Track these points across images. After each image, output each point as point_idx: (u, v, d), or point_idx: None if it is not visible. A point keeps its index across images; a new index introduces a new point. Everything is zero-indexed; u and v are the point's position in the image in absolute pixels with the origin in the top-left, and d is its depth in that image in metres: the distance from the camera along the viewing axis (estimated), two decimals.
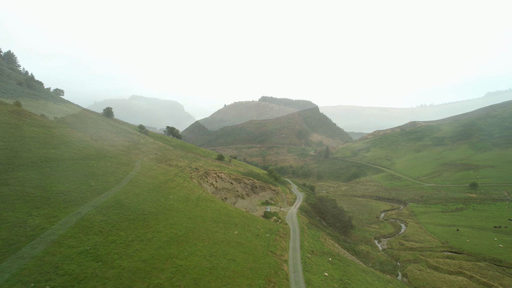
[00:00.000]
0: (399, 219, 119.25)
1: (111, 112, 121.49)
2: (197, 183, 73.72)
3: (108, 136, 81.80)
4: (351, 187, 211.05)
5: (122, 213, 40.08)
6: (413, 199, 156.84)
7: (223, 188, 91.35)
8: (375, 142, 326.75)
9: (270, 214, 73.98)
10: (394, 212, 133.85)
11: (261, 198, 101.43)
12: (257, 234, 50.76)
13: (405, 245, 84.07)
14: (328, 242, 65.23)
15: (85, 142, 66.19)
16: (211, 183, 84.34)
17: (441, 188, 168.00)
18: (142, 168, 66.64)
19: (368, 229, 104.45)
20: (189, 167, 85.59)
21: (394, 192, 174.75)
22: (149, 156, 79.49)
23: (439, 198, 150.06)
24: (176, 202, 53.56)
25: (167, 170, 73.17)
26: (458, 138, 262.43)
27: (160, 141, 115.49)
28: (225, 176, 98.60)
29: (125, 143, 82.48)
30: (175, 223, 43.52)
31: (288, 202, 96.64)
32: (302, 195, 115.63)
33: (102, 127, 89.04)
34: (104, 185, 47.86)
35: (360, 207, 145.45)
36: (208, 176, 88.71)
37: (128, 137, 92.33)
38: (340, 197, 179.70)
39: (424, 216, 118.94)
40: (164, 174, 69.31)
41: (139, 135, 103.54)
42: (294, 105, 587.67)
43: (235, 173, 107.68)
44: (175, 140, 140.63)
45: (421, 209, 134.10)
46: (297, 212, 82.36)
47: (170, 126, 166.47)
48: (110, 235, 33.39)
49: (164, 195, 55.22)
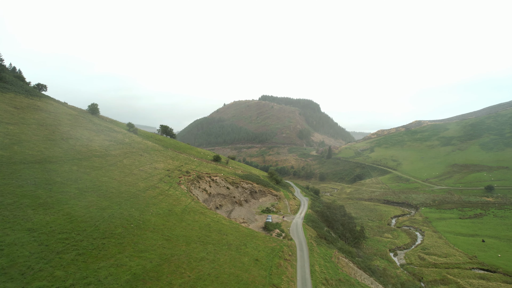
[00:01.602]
0: (413, 227, 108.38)
1: (96, 108, 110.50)
2: (186, 189, 62.81)
3: (84, 135, 71.11)
4: (356, 189, 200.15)
5: (71, 239, 29.19)
6: (424, 203, 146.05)
7: (218, 194, 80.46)
8: (379, 142, 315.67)
9: (272, 226, 63.13)
10: (407, 218, 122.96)
11: (261, 204, 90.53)
12: (256, 259, 39.87)
13: (427, 260, 73.11)
14: (341, 261, 54.30)
15: (51, 142, 55.43)
16: (203, 189, 73.41)
17: (453, 191, 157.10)
18: (119, 173, 55.78)
19: (381, 239, 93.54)
20: (178, 170, 74.70)
21: (403, 195, 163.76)
22: (132, 158, 68.67)
23: (453, 203, 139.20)
24: (155, 217, 42.66)
25: (150, 175, 62.29)
26: (466, 138, 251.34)
27: (149, 141, 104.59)
28: (221, 180, 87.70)
29: (104, 143, 71.66)
30: (147, 249, 32.63)
31: (291, 210, 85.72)
32: (307, 200, 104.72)
33: (80, 125, 78.40)
34: (58, 196, 36.99)
35: (369, 212, 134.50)
36: (201, 180, 77.80)
37: (110, 136, 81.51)
38: (345, 200, 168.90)
39: (441, 224, 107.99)
40: (146, 179, 58.41)
41: (124, 134, 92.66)
42: (295, 104, 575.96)
43: (232, 176, 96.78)
44: (168, 140, 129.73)
45: (435, 214, 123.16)
46: (303, 223, 71.47)
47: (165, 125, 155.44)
48: (37, 279, 22.50)
49: (141, 207, 44.31)
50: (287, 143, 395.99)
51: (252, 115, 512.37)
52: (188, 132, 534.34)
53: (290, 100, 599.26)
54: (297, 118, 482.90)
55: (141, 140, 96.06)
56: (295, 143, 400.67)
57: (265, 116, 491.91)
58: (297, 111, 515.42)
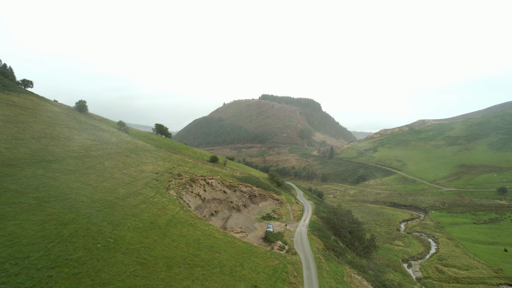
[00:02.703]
0: (425, 233, 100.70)
1: (84, 106, 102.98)
2: (175, 195, 55.16)
3: (63, 133, 63.65)
4: (360, 191, 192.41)
5: (1, 273, 21.53)
6: (433, 206, 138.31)
7: (214, 199, 72.84)
8: (382, 141, 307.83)
9: (273, 237, 55.51)
10: (416, 222, 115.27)
11: (262, 210, 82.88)
12: (254, 285, 32.25)
13: (446, 273, 65.40)
14: (354, 280, 46.68)
15: (17, 141, 47.89)
16: (196, 194, 65.76)
17: (463, 193, 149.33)
18: (97, 177, 48.17)
19: (392, 247, 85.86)
20: (169, 173, 67.06)
21: (410, 197, 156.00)
22: (115, 160, 61.09)
23: (464, 206, 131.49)
24: (131, 233, 35.08)
25: (134, 178, 54.67)
26: (473, 138, 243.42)
27: (141, 140, 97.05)
28: (217, 183, 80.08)
29: (86, 143, 64.12)
30: (111, 281, 25.01)
31: (294, 216, 78.05)
32: (310, 204, 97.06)
33: (61, 123, 70.92)
34: (5, 210, 29.40)
35: (375, 216, 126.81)
36: (194, 184, 70.19)
37: (95, 135, 73.94)
38: (349, 203, 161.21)
39: (455, 229, 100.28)
40: (129, 184, 50.78)
41: (112, 133, 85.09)
42: (296, 103, 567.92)
43: (229, 178, 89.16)
44: (162, 139, 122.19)
45: (447, 219, 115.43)
46: (308, 232, 63.84)
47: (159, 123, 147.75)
48: None
49: (116, 220, 36.74)
50: (288, 143, 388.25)
51: (252, 115, 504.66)
52: (187, 132, 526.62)
53: (290, 99, 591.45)
54: (298, 117, 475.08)
55: (130, 139, 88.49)
56: (296, 143, 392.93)
57: (265, 116, 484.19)
58: (297, 110, 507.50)
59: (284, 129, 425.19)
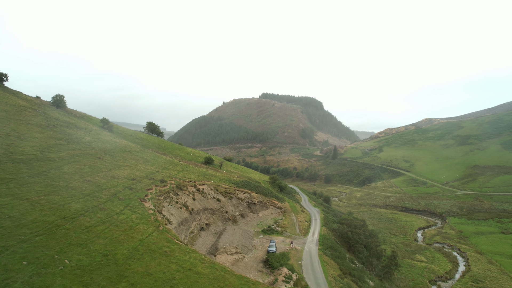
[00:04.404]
0: (448, 244, 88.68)
1: (62, 100, 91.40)
2: (152, 209, 43.24)
3: (18, 130, 51.90)
4: (367, 193, 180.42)
5: None
6: (450, 211, 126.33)
7: (205, 209, 60.94)
8: (387, 141, 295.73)
9: (276, 261, 43.65)
10: (435, 231, 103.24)
11: (262, 220, 70.95)
12: None
13: None
14: None
15: None
16: (182, 205, 53.86)
17: (482, 196, 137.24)
18: (43, 188, 36.39)
19: (413, 263, 73.84)
20: (150, 179, 55.19)
21: (423, 201, 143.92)
22: (81, 163, 49.34)
23: (485, 211, 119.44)
24: (65, 278, 23.17)
25: (100, 188, 42.84)
26: (485, 137, 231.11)
27: (125, 140, 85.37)
28: (210, 190, 68.19)
29: (47, 142, 52.46)
30: None
31: (301, 229, 66.06)
32: (318, 212, 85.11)
33: (21, 118, 59.19)
34: None
35: (388, 223, 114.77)
36: (181, 191, 58.30)
37: (64, 133, 62.23)
38: (356, 207, 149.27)
39: (482, 241, 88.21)
40: (89, 196, 38.95)
41: (88, 131, 73.31)
42: (297, 102, 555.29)
43: (225, 183, 77.28)
44: (152, 139, 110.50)
45: (470, 227, 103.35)
46: (319, 251, 51.95)
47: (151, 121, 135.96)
48: None
49: (48, 255, 24.91)
50: (289, 142, 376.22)
51: (252, 114, 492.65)
52: (186, 132, 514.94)
53: (291, 98, 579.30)
54: (299, 116, 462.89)
55: (111, 138, 76.73)
56: (297, 142, 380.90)
57: (265, 115, 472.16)
58: (299, 109, 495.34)
59: (285, 128, 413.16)
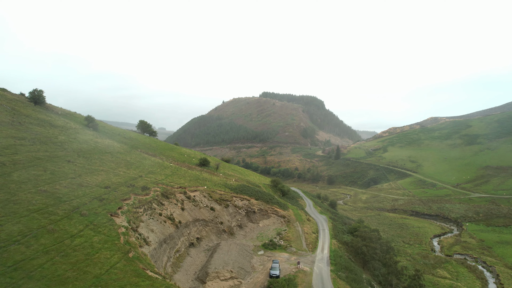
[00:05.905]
0: (470, 256, 79.54)
1: (41, 96, 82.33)
2: (125, 226, 34.25)
3: None
4: (373, 195, 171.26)
5: None
6: (465, 216, 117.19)
7: (196, 220, 51.92)
8: (392, 140, 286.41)
9: None
10: (452, 239, 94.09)
11: (262, 231, 61.88)
12: None
13: None
14: None
15: None
16: (167, 217, 44.81)
17: (498, 200, 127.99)
18: None
19: (436, 280, 64.72)
20: (129, 186, 46.21)
21: (434, 205, 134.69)
22: (40, 167, 40.52)
23: (504, 216, 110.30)
24: None
25: (59, 200, 33.95)
26: (495, 136, 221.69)
27: (111, 140, 76.49)
28: (202, 197, 59.15)
29: (1, 142, 43.66)
30: None
31: (308, 242, 56.95)
32: (325, 220, 75.97)
33: None
34: None
35: (399, 230, 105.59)
36: (167, 200, 49.27)
37: (31, 131, 53.47)
38: (363, 211, 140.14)
39: (508, 251, 79.10)
40: (39, 212, 30.00)
41: (64, 130, 64.50)
42: (298, 100, 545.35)
43: (220, 189, 68.21)
44: (142, 138, 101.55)
45: (491, 235, 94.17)
46: (331, 274, 42.88)
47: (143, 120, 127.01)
48: None
49: None
50: (290, 142, 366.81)
51: (253, 113, 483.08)
52: (185, 131, 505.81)
53: (292, 96, 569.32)
54: (300, 115, 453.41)
55: (91, 138, 67.76)
56: (298, 142, 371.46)
57: (266, 114, 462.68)
58: (300, 108, 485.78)
59: (286, 127, 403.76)
